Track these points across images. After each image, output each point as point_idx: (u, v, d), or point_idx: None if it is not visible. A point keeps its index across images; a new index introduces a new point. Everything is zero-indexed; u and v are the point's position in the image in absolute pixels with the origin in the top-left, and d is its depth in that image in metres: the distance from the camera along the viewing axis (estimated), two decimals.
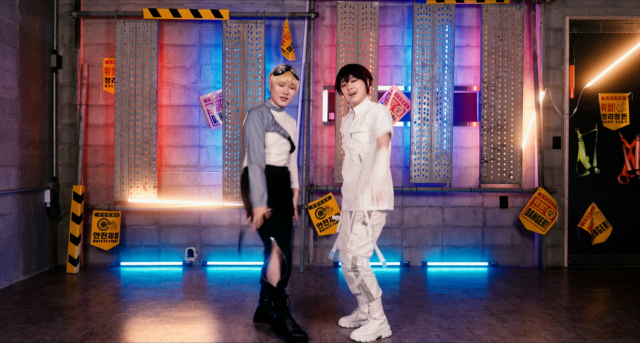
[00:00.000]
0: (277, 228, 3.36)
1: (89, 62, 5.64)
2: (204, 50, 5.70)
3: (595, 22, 5.76)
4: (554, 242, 5.75)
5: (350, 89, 3.43)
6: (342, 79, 3.47)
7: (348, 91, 3.45)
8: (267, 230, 3.34)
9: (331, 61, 5.72)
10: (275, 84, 3.45)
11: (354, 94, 3.44)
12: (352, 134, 3.43)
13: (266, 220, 3.31)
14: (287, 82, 3.44)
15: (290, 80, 3.45)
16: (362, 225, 3.32)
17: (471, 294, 4.52)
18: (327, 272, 5.39)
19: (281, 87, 3.44)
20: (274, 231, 3.34)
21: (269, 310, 3.67)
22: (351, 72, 3.43)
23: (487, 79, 5.58)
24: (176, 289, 4.65)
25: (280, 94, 3.45)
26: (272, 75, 3.46)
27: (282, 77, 3.43)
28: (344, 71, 3.47)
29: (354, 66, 3.48)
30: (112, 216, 5.47)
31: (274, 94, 3.48)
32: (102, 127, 5.66)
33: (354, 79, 3.43)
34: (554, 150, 5.77)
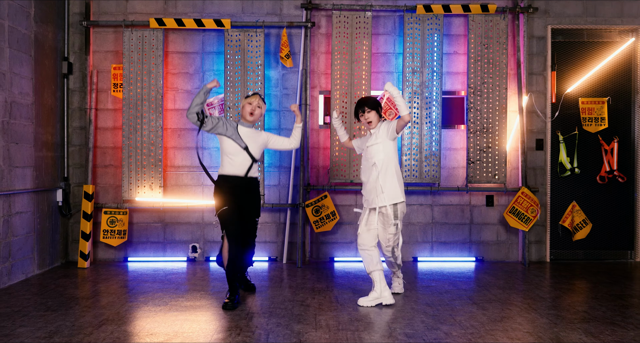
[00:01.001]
0: (228, 225, 4.21)
1: (98, 68, 5.97)
2: (207, 57, 6.04)
3: (576, 30, 6.11)
4: (537, 238, 6.10)
5: (367, 118, 4.32)
6: (360, 110, 4.34)
7: (365, 120, 4.33)
8: (221, 225, 4.27)
9: (327, 67, 6.06)
10: (246, 104, 4.39)
11: (370, 122, 4.33)
12: (368, 147, 4.30)
13: (222, 217, 4.22)
14: (254, 101, 4.38)
15: (257, 101, 4.39)
16: (393, 226, 4.23)
17: (456, 286, 4.86)
18: (323, 267, 5.73)
19: (249, 105, 4.37)
20: (226, 227, 4.23)
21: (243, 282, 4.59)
22: (366, 105, 4.32)
23: (473, 85, 5.92)
24: (182, 282, 4.99)
25: (248, 110, 4.35)
26: (243, 99, 4.47)
27: (251, 98, 4.40)
28: (360, 104, 4.35)
29: (367, 99, 4.37)
30: (121, 214, 5.80)
31: (244, 112, 4.38)
32: (111, 130, 5.99)
33: (369, 110, 4.31)
34: (537, 152, 6.11)
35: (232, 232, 4.22)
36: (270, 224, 6.01)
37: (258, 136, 4.46)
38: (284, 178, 6.05)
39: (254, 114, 4.37)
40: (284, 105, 6.06)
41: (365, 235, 4.31)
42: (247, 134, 4.39)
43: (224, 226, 4.26)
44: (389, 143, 4.30)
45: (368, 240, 4.30)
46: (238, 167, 4.32)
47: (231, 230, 4.22)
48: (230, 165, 4.32)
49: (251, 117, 4.37)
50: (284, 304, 4.22)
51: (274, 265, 5.80)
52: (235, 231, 4.22)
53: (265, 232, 6.02)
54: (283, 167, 6.04)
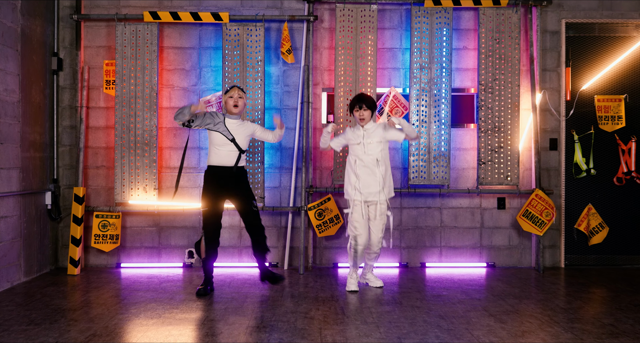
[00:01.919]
0: (207, 227, 4.52)
1: (89, 64, 5.68)
2: (204, 53, 5.74)
3: (591, 24, 5.82)
4: (551, 243, 5.81)
5: (362, 115, 4.55)
6: (357, 106, 4.54)
7: (359, 116, 4.55)
8: (202, 223, 4.57)
9: (330, 63, 5.76)
10: (227, 98, 4.57)
11: (363, 119, 4.56)
12: (366, 144, 4.52)
13: (204, 217, 4.52)
14: (234, 94, 4.55)
15: (237, 93, 4.56)
16: (385, 217, 4.62)
17: (469, 295, 4.57)
18: (326, 273, 5.44)
19: (231, 99, 4.55)
20: (205, 228, 4.54)
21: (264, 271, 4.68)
22: (364, 102, 4.54)
23: (484, 81, 5.63)
24: (177, 290, 4.69)
25: (232, 103, 4.53)
26: (223, 95, 4.64)
27: (231, 92, 4.57)
28: (359, 99, 4.55)
29: (367, 97, 4.57)
30: (113, 218, 5.50)
31: (228, 107, 4.56)
32: (103, 129, 5.70)
33: (365, 109, 4.53)
34: (551, 152, 5.82)
35: (209, 235, 4.53)
36: (271, 228, 5.71)
37: (245, 128, 4.65)
38: (285, 180, 5.75)
39: (238, 106, 4.55)
40: (285, 103, 5.76)
41: (364, 233, 4.55)
42: (234, 126, 4.58)
43: (203, 226, 4.58)
44: (385, 142, 4.61)
45: (365, 237, 4.55)
46: (225, 158, 4.52)
47: (209, 232, 4.53)
48: (217, 156, 4.53)
49: (236, 109, 4.56)
50: (286, 316, 3.92)
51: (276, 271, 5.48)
52: (211, 235, 4.52)
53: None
54: (284, 168, 5.74)
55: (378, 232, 4.63)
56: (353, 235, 4.59)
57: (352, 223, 4.59)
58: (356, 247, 4.58)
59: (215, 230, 4.54)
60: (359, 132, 4.61)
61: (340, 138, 4.77)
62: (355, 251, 4.60)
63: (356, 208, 4.56)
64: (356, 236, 4.57)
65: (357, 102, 4.56)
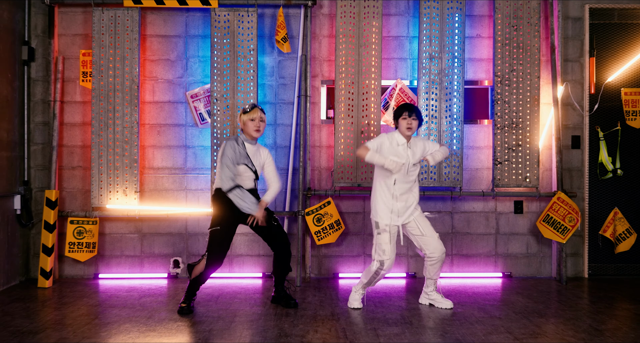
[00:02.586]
0: (215, 247, 3.90)
1: (64, 54, 5.14)
2: (191, 42, 5.20)
3: (618, 11, 5.28)
4: (574, 251, 5.28)
5: (411, 124, 4.00)
6: (406, 113, 4.00)
7: (408, 125, 4.00)
8: (209, 244, 3.95)
9: (330, 53, 5.23)
10: (247, 120, 4.01)
11: (410, 128, 4.01)
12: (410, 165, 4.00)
13: (213, 236, 3.92)
14: (257, 117, 4.00)
15: (259, 115, 4.02)
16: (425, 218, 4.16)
17: (488, 312, 4.03)
18: (326, 285, 4.90)
19: (252, 122, 4.00)
20: (211, 249, 3.91)
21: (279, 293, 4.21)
22: (415, 112, 4.02)
23: (500, 73, 5.09)
24: (157, 307, 4.15)
25: (254, 128, 4.00)
26: (241, 114, 4.04)
27: (252, 113, 3.99)
28: (409, 107, 4.03)
29: (415, 107, 4.07)
30: (90, 224, 4.96)
31: (248, 129, 4.02)
32: (79, 126, 5.16)
33: (415, 118, 4.01)
34: (573, 151, 5.29)
35: (215, 256, 3.93)
36: None
37: (259, 155, 4.17)
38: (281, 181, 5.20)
39: (260, 131, 4.06)
40: (280, 97, 5.22)
41: (393, 257, 4.00)
42: (252, 152, 4.11)
43: (209, 247, 3.94)
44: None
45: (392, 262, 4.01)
46: (243, 182, 4.05)
47: (215, 253, 3.92)
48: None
49: (258, 133, 4.06)
50: (279, 341, 3.38)
51: (268, 283, 4.96)
52: (218, 256, 3.93)
53: (258, 244, 5.19)
54: (279, 168, 5.21)
55: (432, 233, 4.06)
56: (380, 259, 3.96)
57: (381, 245, 3.96)
58: (380, 271, 3.97)
59: (223, 254, 3.95)
60: (403, 149, 4.01)
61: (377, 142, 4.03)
62: (377, 275, 4.02)
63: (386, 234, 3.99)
64: (383, 261, 3.94)
65: (407, 109, 4.01)
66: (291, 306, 4.10)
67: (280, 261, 4.12)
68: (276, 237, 4.08)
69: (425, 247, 4.07)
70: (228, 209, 3.95)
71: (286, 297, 4.16)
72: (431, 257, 4.07)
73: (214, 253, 3.90)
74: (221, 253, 3.92)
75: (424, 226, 4.06)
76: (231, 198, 3.89)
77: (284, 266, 4.13)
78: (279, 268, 4.15)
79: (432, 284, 4.19)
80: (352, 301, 4.16)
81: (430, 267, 4.12)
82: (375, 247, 4.02)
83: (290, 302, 4.12)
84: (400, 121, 4.02)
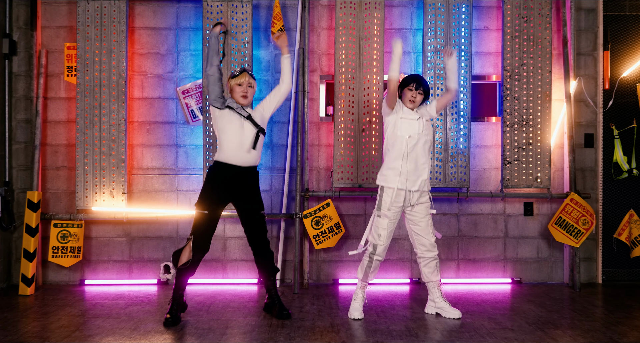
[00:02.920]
0: (199, 234, 3.66)
1: (48, 47, 4.85)
2: (182, 34, 4.92)
3: (634, 1, 5.00)
4: (587, 255, 5.00)
5: (415, 97, 3.79)
6: (413, 84, 3.78)
7: (411, 97, 3.78)
8: (193, 227, 3.69)
9: (329, 47, 4.94)
10: (235, 85, 3.78)
11: (413, 101, 3.80)
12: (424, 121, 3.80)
13: (197, 221, 3.67)
14: (244, 81, 3.77)
15: (247, 80, 3.78)
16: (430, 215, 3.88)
17: (499, 323, 3.75)
18: (325, 292, 4.62)
19: (240, 87, 3.77)
20: (195, 233, 3.66)
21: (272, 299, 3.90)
22: (422, 85, 3.80)
23: (510, 67, 4.81)
24: (144, 317, 3.87)
25: (240, 93, 3.77)
26: (229, 79, 3.81)
27: (239, 78, 3.78)
28: (416, 79, 3.80)
29: (424, 80, 3.84)
30: (74, 227, 4.68)
31: (235, 95, 3.79)
32: (64, 123, 4.87)
33: (420, 92, 3.80)
34: (586, 149, 5.01)
35: (199, 244, 3.69)
36: None
37: (254, 110, 3.92)
38: (277, 182, 4.93)
39: (247, 97, 3.82)
40: None
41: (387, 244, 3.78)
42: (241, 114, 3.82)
43: (194, 230, 3.70)
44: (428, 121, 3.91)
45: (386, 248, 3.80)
46: (243, 142, 3.72)
47: (199, 241, 3.68)
48: (230, 142, 3.70)
49: (245, 99, 3.81)
50: None
51: (264, 290, 4.67)
52: (202, 244, 3.70)
53: None
54: (275, 168, 4.93)
55: (429, 236, 3.83)
56: (374, 243, 3.75)
57: (377, 229, 3.73)
58: (372, 256, 3.74)
59: (209, 236, 3.72)
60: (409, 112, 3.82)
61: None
62: (371, 261, 3.76)
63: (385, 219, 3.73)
64: (377, 245, 3.74)
65: (414, 81, 3.79)
66: (283, 317, 3.80)
67: (261, 260, 3.85)
68: (256, 232, 3.81)
69: (418, 246, 3.87)
70: (216, 184, 3.73)
71: (280, 306, 3.86)
72: (422, 257, 3.87)
73: (199, 238, 3.66)
74: (207, 236, 3.69)
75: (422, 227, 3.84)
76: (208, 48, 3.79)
77: (267, 265, 3.85)
78: (263, 269, 3.88)
79: (435, 289, 3.91)
80: (352, 311, 3.88)
81: (424, 269, 3.90)
82: (371, 228, 3.80)
83: (283, 313, 3.81)
84: (405, 91, 3.81)
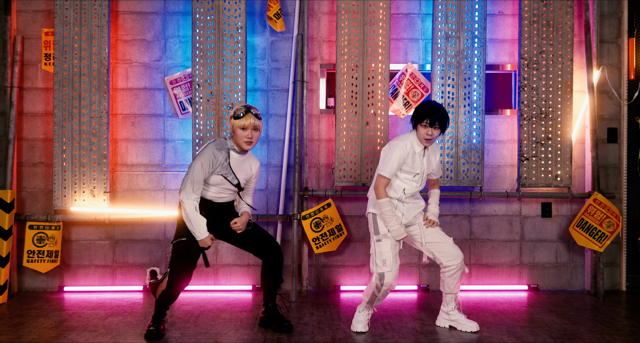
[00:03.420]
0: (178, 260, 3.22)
1: (23, 33, 4.46)
2: (170, 19, 4.52)
3: None
4: (609, 260, 4.61)
5: (430, 134, 3.29)
6: (428, 120, 3.26)
7: (427, 134, 3.30)
8: (172, 258, 3.24)
9: (330, 33, 4.54)
10: (237, 128, 3.23)
11: (429, 140, 3.33)
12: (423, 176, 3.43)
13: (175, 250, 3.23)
14: (249, 125, 3.22)
15: (253, 123, 3.23)
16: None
17: (520, 337, 3.35)
18: (325, 300, 4.22)
19: (244, 131, 3.22)
20: (174, 263, 3.22)
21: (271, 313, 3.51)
22: (438, 120, 3.26)
23: (527, 55, 4.41)
24: (124, 330, 3.47)
25: (244, 139, 3.23)
26: (231, 118, 3.26)
27: (243, 120, 3.21)
28: (433, 112, 3.26)
29: (443, 113, 3.30)
30: (52, 229, 4.28)
31: (237, 139, 3.25)
32: (41, 116, 4.48)
33: (437, 127, 3.29)
34: (609, 145, 4.61)
35: (181, 271, 3.21)
36: None
37: (248, 168, 3.41)
38: (273, 180, 4.54)
39: (252, 142, 3.27)
40: (272, 84, 4.54)
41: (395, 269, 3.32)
42: (238, 164, 3.34)
43: (172, 263, 3.24)
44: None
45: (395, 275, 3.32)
46: (220, 197, 3.36)
47: (179, 265, 3.21)
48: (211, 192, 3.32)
49: (249, 145, 3.27)
50: None
51: (259, 298, 4.29)
52: (183, 268, 3.22)
53: (247, 253, 4.50)
54: (272, 165, 4.53)
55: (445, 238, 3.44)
56: (379, 271, 3.28)
57: (381, 255, 3.30)
58: (381, 286, 3.29)
59: (191, 267, 3.25)
60: (419, 157, 3.38)
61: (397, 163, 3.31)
62: (378, 291, 3.32)
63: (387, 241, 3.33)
64: (384, 274, 3.27)
65: (430, 115, 3.26)
66: (284, 330, 3.41)
67: (268, 269, 3.43)
68: (257, 240, 3.41)
69: (440, 255, 3.41)
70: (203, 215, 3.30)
71: (278, 318, 3.47)
72: (449, 267, 3.41)
73: (179, 267, 3.20)
74: (188, 266, 3.23)
75: (431, 231, 3.45)
76: (182, 215, 3.22)
77: (273, 276, 3.43)
78: (267, 280, 3.46)
79: (453, 301, 3.51)
80: (355, 324, 3.48)
81: (448, 279, 3.45)
82: (373, 257, 3.34)
83: (284, 325, 3.42)
84: (420, 128, 3.32)
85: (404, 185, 3.36)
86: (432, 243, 3.43)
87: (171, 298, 3.27)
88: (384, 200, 3.27)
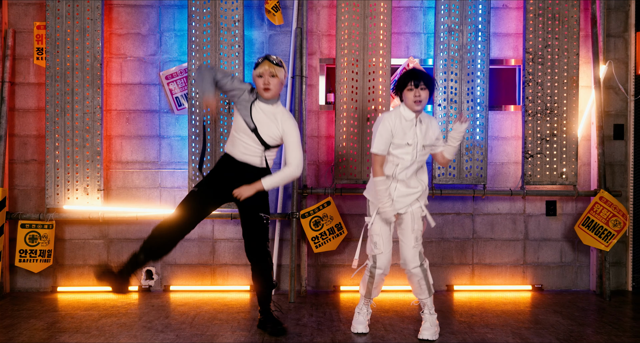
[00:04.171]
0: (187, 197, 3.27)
1: (15, 27, 4.34)
2: (166, 12, 4.41)
3: None
4: (615, 259, 4.51)
5: (419, 95, 3.14)
6: (411, 83, 3.14)
7: (416, 97, 3.13)
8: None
9: (330, 26, 4.43)
10: (256, 77, 3.20)
11: (419, 102, 3.14)
12: (418, 147, 3.19)
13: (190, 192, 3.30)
14: (265, 71, 3.16)
15: (268, 69, 3.16)
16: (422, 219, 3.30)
17: (525, 339, 3.25)
18: (325, 301, 4.12)
19: (260, 78, 3.18)
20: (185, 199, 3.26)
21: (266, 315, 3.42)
22: (422, 79, 3.14)
23: (532, 49, 4.30)
24: (117, 332, 3.37)
25: (262, 85, 3.17)
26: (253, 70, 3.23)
27: (260, 67, 3.18)
28: (414, 75, 3.15)
29: (423, 73, 3.19)
30: (44, 228, 4.18)
31: (258, 89, 3.21)
32: (34, 112, 4.37)
33: (423, 87, 3.15)
34: (615, 142, 4.51)
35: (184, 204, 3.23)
36: None
37: (276, 122, 3.22)
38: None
39: (270, 89, 3.17)
40: None
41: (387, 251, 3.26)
42: (261, 115, 3.21)
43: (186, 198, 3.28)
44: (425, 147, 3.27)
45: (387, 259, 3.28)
46: (243, 152, 3.23)
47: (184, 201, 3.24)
48: (232, 146, 3.27)
49: (268, 92, 3.17)
50: None
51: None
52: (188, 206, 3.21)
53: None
54: None
55: (410, 241, 3.22)
56: (372, 254, 3.25)
57: (372, 237, 3.24)
58: (373, 269, 3.23)
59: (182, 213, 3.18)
60: (410, 126, 3.16)
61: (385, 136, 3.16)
62: (372, 276, 3.25)
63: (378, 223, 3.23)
64: (375, 256, 3.23)
65: (412, 78, 3.12)
66: (278, 333, 3.30)
67: (257, 274, 3.31)
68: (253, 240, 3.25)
69: (400, 253, 3.28)
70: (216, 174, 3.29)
71: (272, 321, 3.36)
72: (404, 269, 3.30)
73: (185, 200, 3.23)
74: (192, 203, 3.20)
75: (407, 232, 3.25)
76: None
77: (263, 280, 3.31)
78: (254, 282, 3.37)
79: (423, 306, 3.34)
80: (356, 325, 3.38)
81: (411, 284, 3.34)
82: (368, 240, 3.29)
83: (277, 328, 3.31)
84: (406, 93, 3.14)
85: (397, 161, 3.18)
86: (401, 239, 3.27)
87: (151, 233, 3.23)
88: (379, 178, 3.16)
